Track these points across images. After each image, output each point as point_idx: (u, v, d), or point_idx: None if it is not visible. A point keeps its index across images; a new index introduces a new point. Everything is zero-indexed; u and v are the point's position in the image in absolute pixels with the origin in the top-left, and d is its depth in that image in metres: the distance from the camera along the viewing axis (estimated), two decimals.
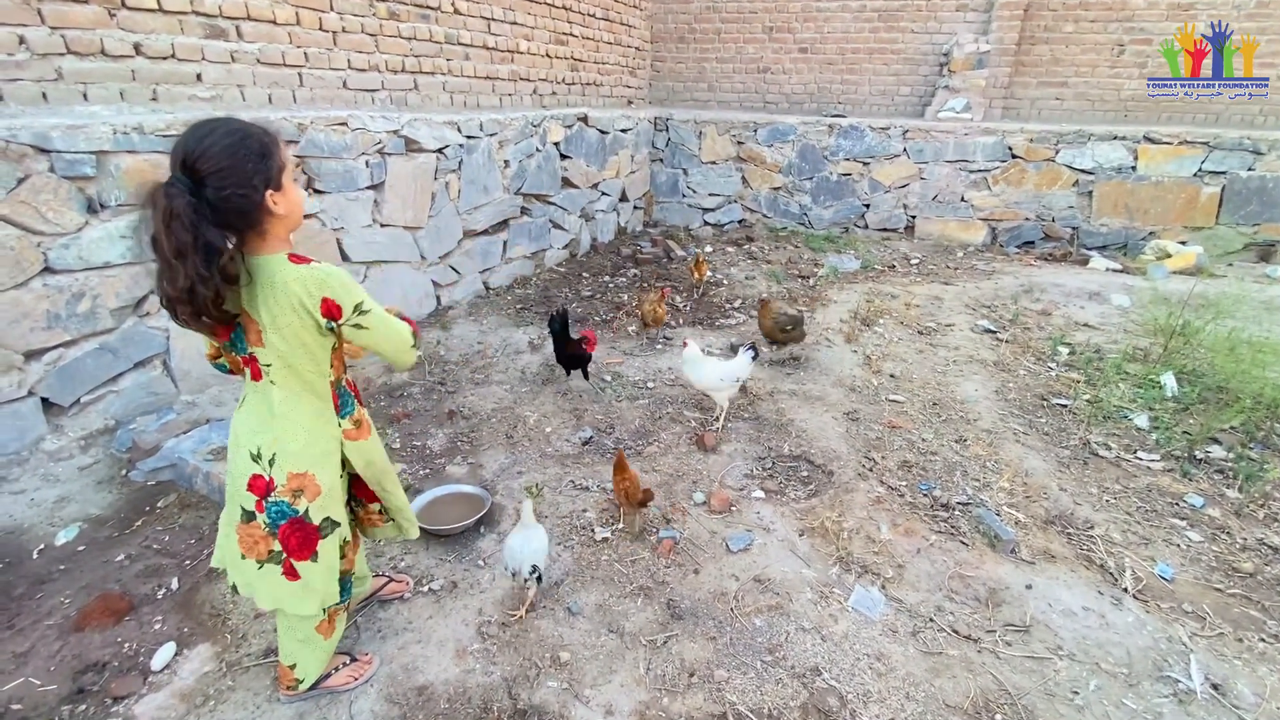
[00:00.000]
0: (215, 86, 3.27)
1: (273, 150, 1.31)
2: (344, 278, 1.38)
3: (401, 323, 1.51)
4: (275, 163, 1.31)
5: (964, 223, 6.76)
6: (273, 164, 1.30)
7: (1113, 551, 2.38)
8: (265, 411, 1.45)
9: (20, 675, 1.81)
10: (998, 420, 3.30)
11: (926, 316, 4.77)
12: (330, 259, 3.77)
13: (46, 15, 2.61)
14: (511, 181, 5.15)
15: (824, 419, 3.28)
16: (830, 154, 6.96)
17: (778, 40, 7.27)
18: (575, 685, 1.83)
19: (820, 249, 6.59)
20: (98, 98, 2.83)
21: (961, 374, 3.83)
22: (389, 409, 3.31)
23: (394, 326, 1.48)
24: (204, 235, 1.19)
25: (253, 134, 1.28)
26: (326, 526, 1.53)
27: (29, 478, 2.56)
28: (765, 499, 2.68)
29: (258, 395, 1.47)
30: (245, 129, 1.28)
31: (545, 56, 5.74)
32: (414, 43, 4.36)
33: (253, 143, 1.27)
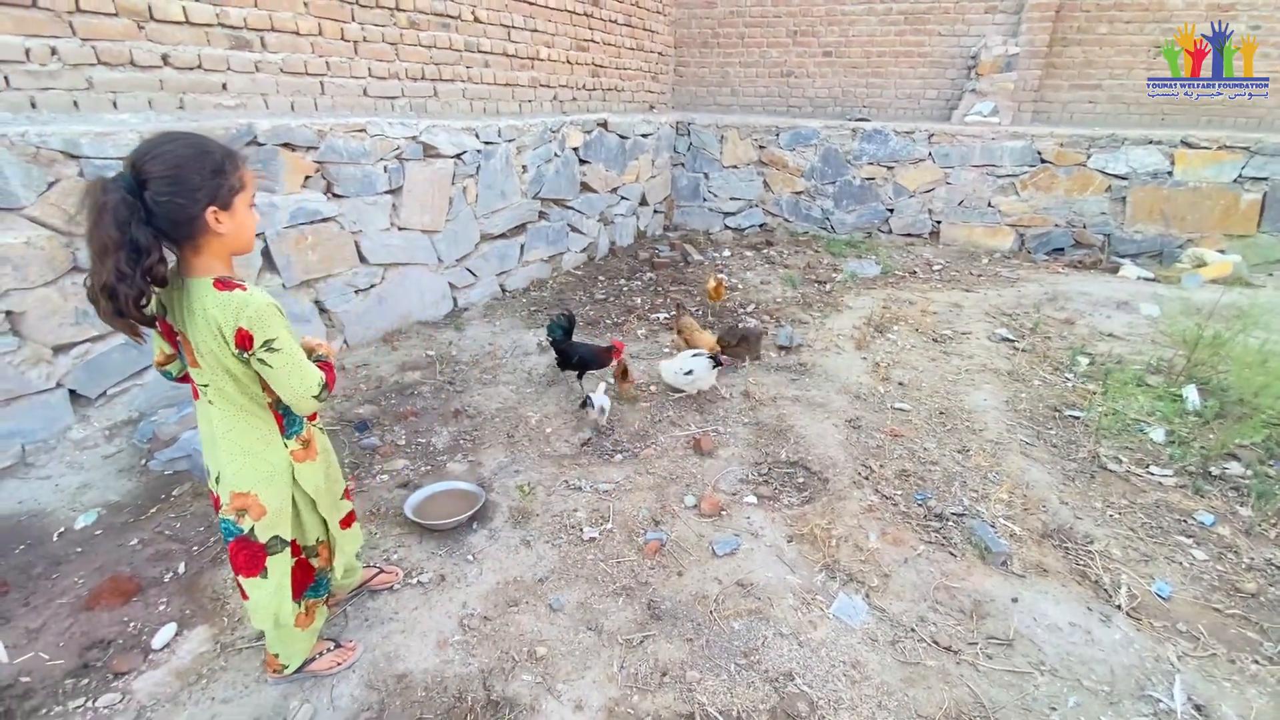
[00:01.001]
0: (239, 95, 3.43)
1: (227, 170, 1.33)
2: (264, 309, 1.35)
3: (313, 370, 1.45)
4: (227, 182, 1.33)
5: (991, 228, 6.61)
6: (223, 182, 1.32)
7: (1110, 567, 2.32)
8: (209, 430, 1.49)
9: (31, 649, 1.93)
10: (1004, 431, 3.23)
11: (943, 324, 4.69)
12: (348, 261, 3.92)
13: (78, 27, 2.78)
14: (529, 186, 5.25)
15: (824, 426, 3.26)
16: (853, 158, 6.89)
17: (802, 44, 7.23)
18: (549, 679, 1.87)
19: (841, 254, 6.53)
20: (126, 106, 3.00)
21: (972, 383, 3.76)
22: (398, 407, 3.41)
23: (300, 371, 1.42)
24: (131, 233, 1.21)
25: (211, 150, 1.32)
26: (275, 545, 1.56)
27: (55, 464, 2.73)
28: (758, 504, 2.69)
29: (202, 413, 1.51)
30: (205, 145, 1.32)
31: (566, 63, 5.83)
32: (434, 51, 4.49)
33: (208, 159, 1.30)
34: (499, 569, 2.29)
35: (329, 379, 1.51)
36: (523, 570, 2.28)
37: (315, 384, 1.45)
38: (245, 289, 1.36)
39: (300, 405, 1.46)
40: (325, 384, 1.48)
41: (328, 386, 1.50)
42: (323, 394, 1.47)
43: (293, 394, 1.43)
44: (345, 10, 3.86)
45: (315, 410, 1.51)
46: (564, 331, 3.46)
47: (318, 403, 1.47)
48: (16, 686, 1.82)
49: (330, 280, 3.85)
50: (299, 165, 3.51)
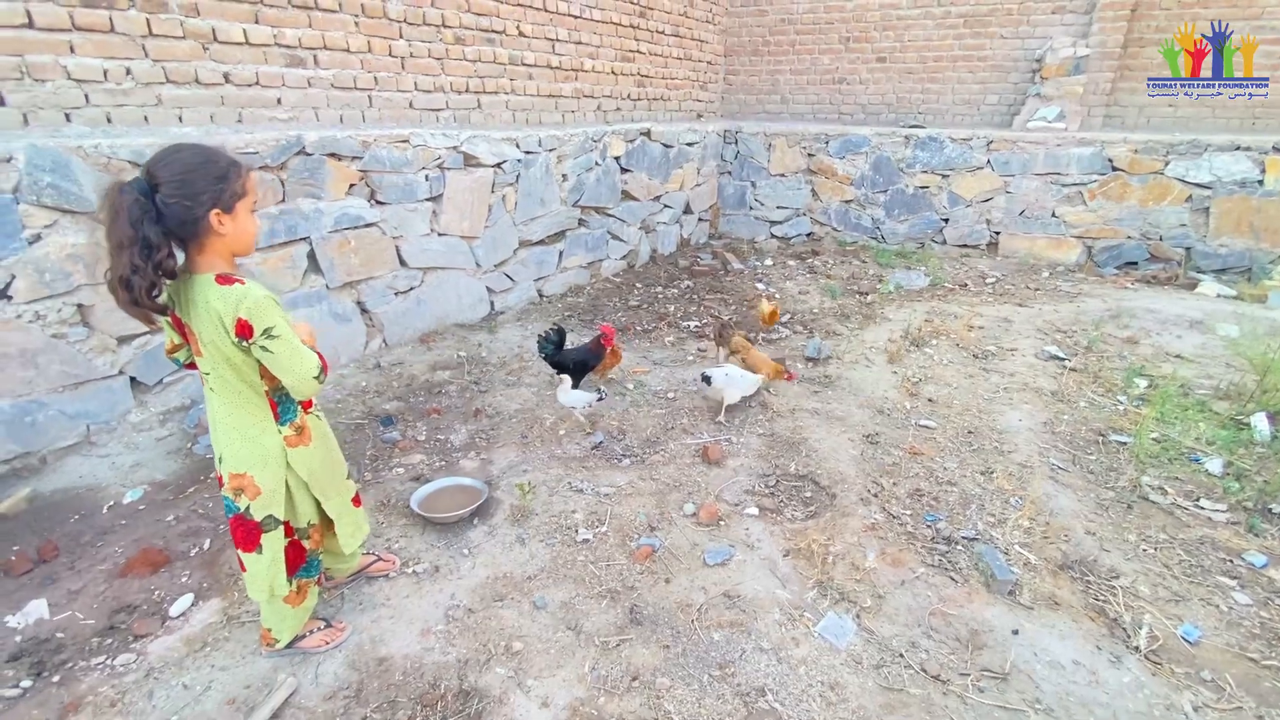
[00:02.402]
0: (292, 109, 3.69)
1: (231, 177, 1.47)
2: (261, 300, 1.47)
3: (311, 355, 1.55)
4: (230, 188, 1.46)
5: (1055, 240, 6.24)
6: (226, 188, 1.46)
7: (1133, 605, 2.14)
8: (212, 415, 1.63)
9: (69, 609, 2.14)
10: (1035, 454, 3.04)
11: (988, 339, 4.46)
12: (389, 264, 4.13)
13: (150, 49, 3.08)
14: (569, 194, 5.37)
15: (840, 440, 3.17)
16: (906, 166, 6.67)
17: (854, 50, 7.08)
18: (520, 674, 1.91)
19: (889, 264, 6.33)
20: (191, 120, 3.29)
21: (1010, 402, 3.56)
22: (424, 404, 3.56)
23: (299, 356, 1.52)
24: (143, 231, 1.36)
25: (217, 160, 1.46)
26: (269, 523, 1.68)
27: (114, 444, 3.00)
28: (759, 516, 2.64)
29: (207, 400, 1.64)
30: (212, 155, 1.46)
31: (610, 74, 5.94)
32: (479, 64, 4.68)
33: (213, 166, 1.44)
34: (491, 564, 2.35)
35: (324, 365, 1.63)
36: (514, 567, 2.34)
37: (314, 367, 1.56)
38: (244, 283, 1.49)
39: (301, 388, 1.57)
40: (322, 368, 1.60)
41: (324, 370, 1.61)
42: (321, 376, 1.59)
43: (294, 377, 1.54)
44: (394, 28, 4.09)
45: (315, 392, 1.62)
46: (555, 346, 3.51)
47: (318, 384, 1.58)
48: (52, 642, 2.02)
49: (371, 282, 4.06)
50: (344, 174, 3.74)
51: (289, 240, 3.57)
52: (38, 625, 2.08)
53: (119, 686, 1.85)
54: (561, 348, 3.60)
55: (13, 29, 2.69)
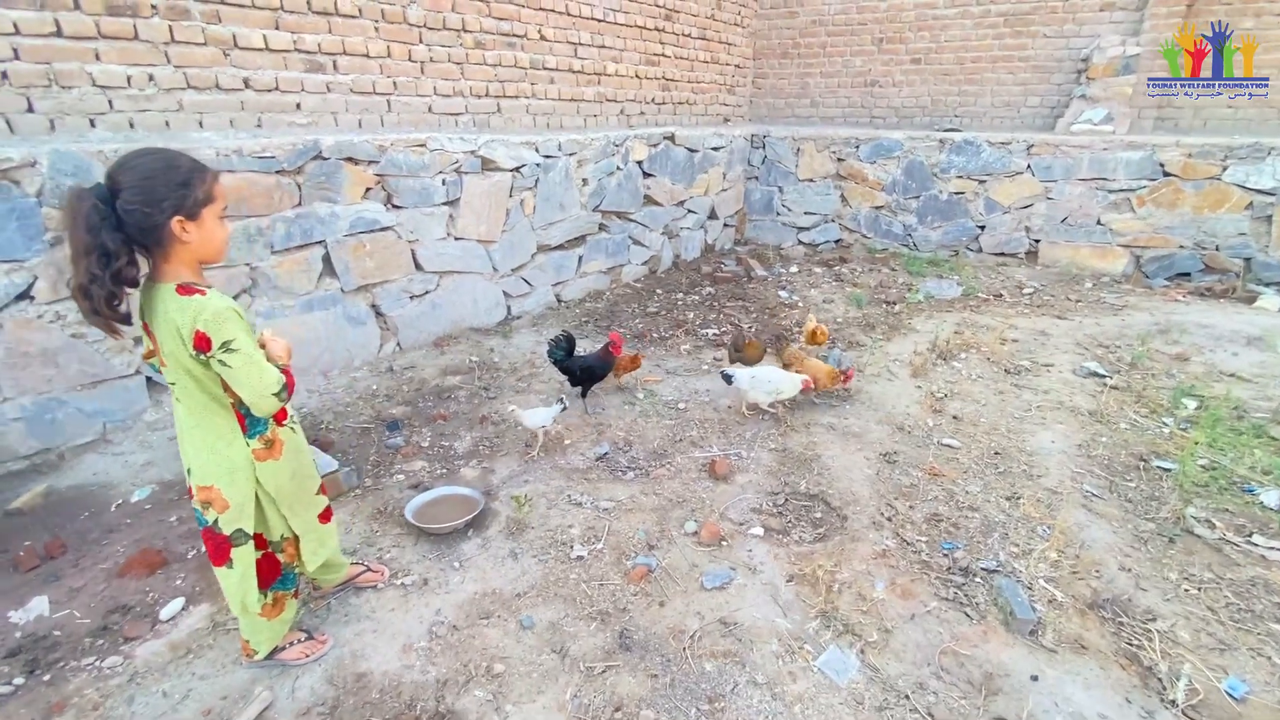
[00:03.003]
0: (311, 114, 3.73)
1: (194, 183, 1.42)
2: (221, 312, 1.42)
3: (271, 371, 1.50)
4: (194, 194, 1.42)
5: (1100, 249, 5.92)
6: (189, 194, 1.41)
7: (1171, 653, 1.96)
8: (179, 426, 1.60)
9: (69, 607, 2.16)
10: (1067, 479, 2.84)
11: (1021, 353, 4.23)
12: (404, 268, 4.13)
13: (172, 56, 3.14)
14: (590, 199, 5.32)
15: (855, 458, 3.02)
16: (940, 171, 6.43)
17: (888, 51, 6.87)
18: (499, 699, 1.83)
19: (920, 272, 6.10)
20: (211, 125, 3.34)
21: (1042, 422, 3.35)
22: (432, 409, 3.53)
23: (258, 371, 1.47)
24: (101, 238, 1.33)
25: (180, 166, 1.42)
26: (239, 537, 1.64)
27: (129, 442, 3.05)
28: (763, 537, 2.52)
29: (175, 410, 1.61)
30: (175, 160, 1.42)
31: (634, 78, 5.88)
32: (499, 69, 4.67)
33: (176, 173, 1.40)
34: (481, 579, 2.29)
35: (289, 382, 1.57)
36: (503, 583, 2.27)
37: (274, 383, 1.50)
38: (205, 294, 1.45)
39: (259, 404, 1.51)
40: (285, 385, 1.54)
41: (288, 388, 1.55)
42: (283, 394, 1.52)
43: (251, 393, 1.49)
44: (414, 33, 4.11)
45: (274, 410, 1.56)
46: (565, 352, 3.44)
47: (278, 401, 1.52)
48: (48, 639, 2.03)
49: (387, 286, 4.07)
50: (360, 178, 3.75)
51: (305, 244, 3.59)
52: (38, 622, 2.10)
53: (103, 690, 1.84)
54: (571, 354, 3.53)
55: (41, 38, 2.76)
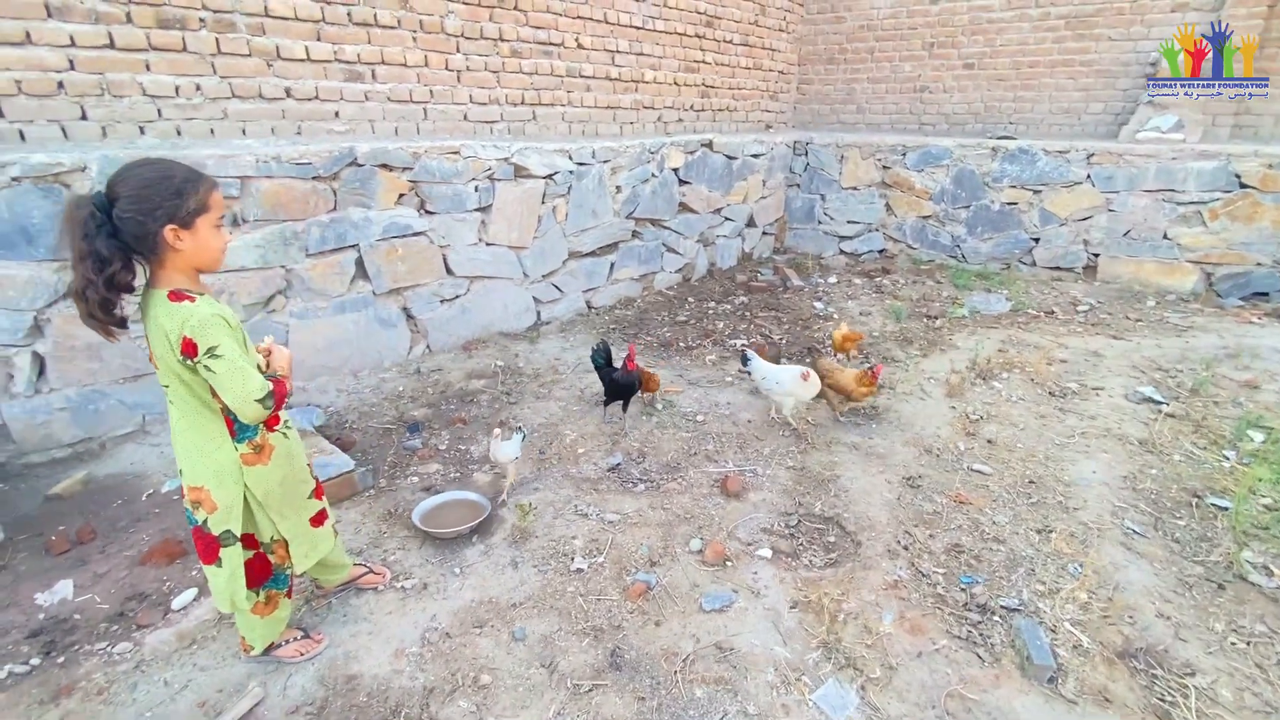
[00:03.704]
0: (349, 122, 3.85)
1: (188, 193, 1.45)
2: (207, 319, 1.45)
3: (255, 378, 1.50)
4: (188, 203, 1.45)
5: (1166, 265, 5.54)
6: (183, 203, 1.45)
7: (1208, 713, 1.78)
8: (172, 428, 1.63)
9: (91, 592, 2.26)
10: (1107, 513, 2.64)
11: (1069, 375, 3.99)
12: (435, 272, 4.21)
13: (218, 67, 3.29)
14: (623, 206, 5.31)
15: (876, 480, 2.89)
16: (992, 180, 6.15)
17: (939, 56, 6.63)
18: (483, 711, 1.82)
19: (967, 286, 5.84)
20: (253, 133, 3.48)
21: (1086, 450, 3.14)
22: (453, 412, 3.57)
23: (242, 378, 1.48)
24: (95, 245, 1.38)
25: (174, 176, 1.45)
26: (227, 538, 1.67)
27: (166, 434, 3.19)
28: (770, 559, 2.44)
29: (168, 411, 1.64)
30: (170, 170, 1.46)
31: (673, 84, 5.85)
32: (535, 77, 4.72)
33: (170, 182, 1.44)
34: (479, 586, 2.29)
35: (279, 390, 1.58)
36: (501, 592, 2.26)
37: (257, 389, 1.50)
38: (194, 300, 1.48)
39: (244, 410, 1.52)
40: (271, 393, 1.54)
41: (274, 396, 1.55)
42: (267, 401, 1.52)
43: (235, 398, 1.50)
44: (451, 43, 4.20)
45: (258, 417, 1.55)
46: (605, 360, 3.38)
47: (262, 408, 1.52)
48: (68, 622, 2.13)
49: (418, 289, 4.16)
50: (394, 184, 3.85)
51: (338, 247, 3.70)
52: (61, 605, 2.21)
53: (110, 675, 1.92)
54: (610, 362, 3.44)
55: (96, 49, 2.94)
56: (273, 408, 1.56)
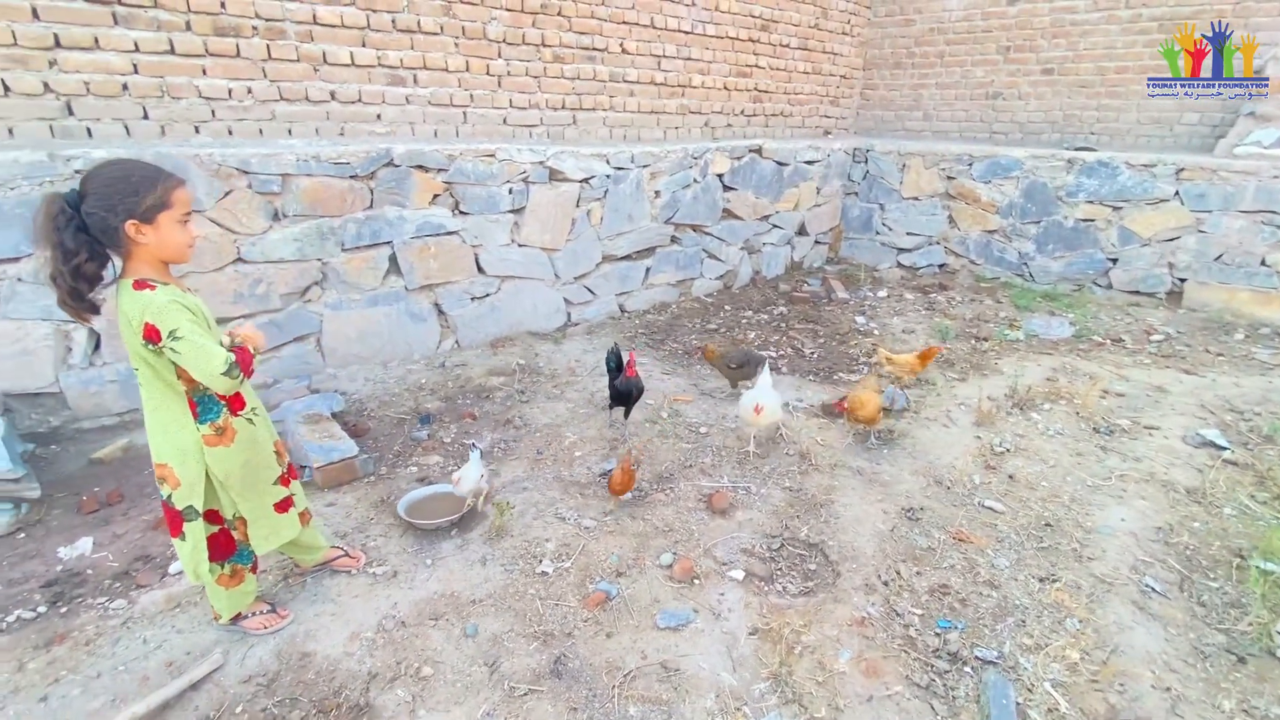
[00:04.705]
0: (390, 124, 4.03)
1: (144, 191, 1.56)
2: (164, 306, 1.56)
3: (218, 352, 1.59)
4: (145, 201, 1.56)
5: (1262, 294, 4.96)
6: (140, 200, 1.55)
7: None
8: (144, 407, 1.76)
9: (106, 550, 2.48)
10: (1126, 567, 2.38)
11: (1122, 411, 3.63)
12: (466, 271, 4.35)
13: (268, 71, 3.53)
14: (661, 211, 5.29)
15: (872, 509, 2.74)
16: (1067, 194, 5.70)
17: (1015, 61, 6.20)
18: (417, 702, 1.86)
19: (1029, 307, 5.45)
20: (298, 134, 3.72)
21: (1120, 495, 2.85)
22: (465, 407, 3.68)
23: (204, 355, 1.57)
24: (62, 238, 1.51)
25: (133, 175, 1.57)
26: (189, 513, 1.79)
27: None
28: (742, 581, 2.36)
29: (140, 392, 1.76)
30: (132, 170, 1.58)
31: (722, 89, 5.78)
32: (576, 82, 4.78)
33: (128, 182, 1.55)
34: (445, 579, 2.34)
35: (242, 358, 1.66)
36: (464, 587, 2.31)
37: (221, 363, 1.59)
38: (154, 289, 1.60)
39: (213, 384, 1.62)
40: (235, 363, 1.62)
41: (239, 365, 1.63)
42: (232, 371, 1.60)
43: (202, 374, 1.61)
44: (493, 48, 4.32)
45: (231, 387, 1.64)
46: (615, 366, 3.35)
47: (229, 379, 1.61)
48: (80, 576, 2.35)
49: (449, 286, 4.31)
50: (429, 185, 4.00)
51: (373, 244, 3.89)
52: (79, 560, 2.43)
53: (100, 629, 2.10)
54: (621, 368, 3.35)
55: (157, 55, 3.23)
56: (240, 376, 1.64)
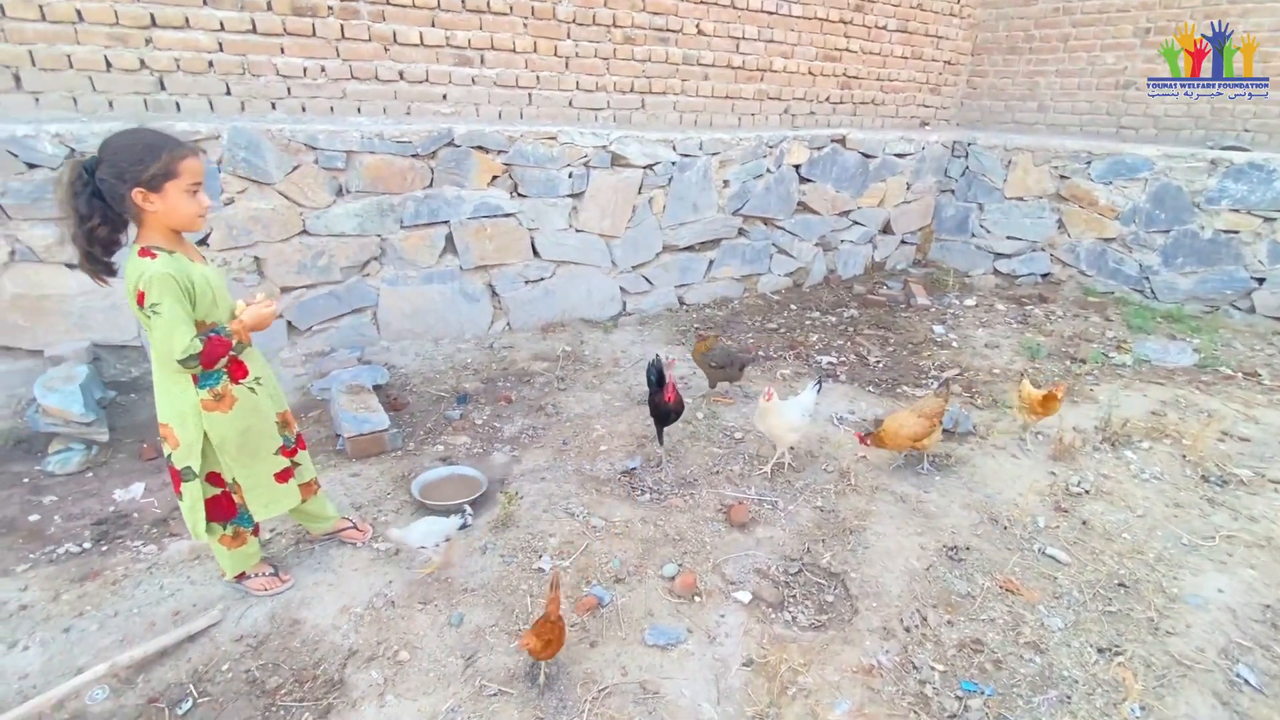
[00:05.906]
0: (456, 104, 4.07)
1: (149, 160, 1.60)
2: (158, 277, 1.60)
3: (183, 338, 1.62)
4: (150, 170, 1.59)
5: None
6: (145, 169, 1.59)
7: None
8: (152, 367, 1.82)
9: (154, 496, 2.66)
10: (1214, 648, 1.99)
11: (1245, 458, 3.09)
12: (522, 254, 4.35)
13: (341, 51, 3.64)
14: (729, 202, 5.07)
15: (909, 542, 2.46)
16: (1205, 201, 4.94)
17: (1155, 45, 5.40)
18: (388, 686, 1.84)
19: (1144, 328, 4.79)
20: (367, 111, 3.82)
21: (1224, 560, 2.40)
22: (504, 390, 3.67)
23: (170, 335, 1.62)
24: (76, 203, 1.59)
25: (138, 144, 1.61)
26: (187, 473, 1.85)
27: None
28: (747, 605, 2.18)
29: None
30: (140, 139, 1.62)
31: (806, 74, 5.44)
32: (647, 64, 4.64)
33: (134, 151, 1.60)
34: (443, 564, 2.32)
35: (209, 351, 1.68)
36: (460, 574, 2.28)
37: (179, 350, 1.63)
38: (155, 257, 1.64)
39: (164, 363, 1.70)
40: (197, 355, 1.66)
41: (199, 357, 1.67)
42: (189, 361, 1.66)
43: (158, 352, 1.70)
44: (562, 29, 4.26)
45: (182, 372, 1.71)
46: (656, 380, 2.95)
47: (185, 367, 1.68)
48: (127, 518, 2.53)
49: (503, 268, 4.32)
50: (488, 166, 4.01)
51: (430, 222, 3.96)
52: (130, 503, 2.63)
53: (128, 570, 2.24)
54: (661, 384, 2.92)
55: (240, 34, 3.40)
56: (197, 368, 1.69)
